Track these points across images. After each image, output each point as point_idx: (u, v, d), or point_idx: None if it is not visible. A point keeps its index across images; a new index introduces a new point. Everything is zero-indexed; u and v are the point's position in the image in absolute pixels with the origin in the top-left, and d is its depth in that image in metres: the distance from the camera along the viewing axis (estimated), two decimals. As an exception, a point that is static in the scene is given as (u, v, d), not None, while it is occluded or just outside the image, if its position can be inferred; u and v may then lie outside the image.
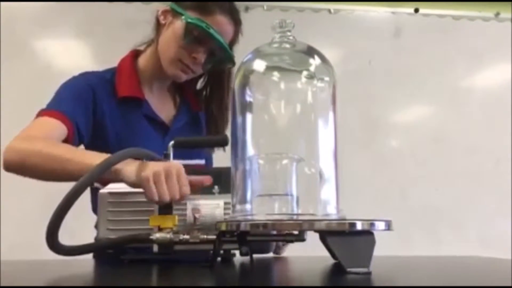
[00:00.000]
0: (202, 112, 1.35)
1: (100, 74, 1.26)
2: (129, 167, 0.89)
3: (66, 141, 1.10)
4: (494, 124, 2.50)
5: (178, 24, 1.19)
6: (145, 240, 0.87)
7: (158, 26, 1.25)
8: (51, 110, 1.13)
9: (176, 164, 0.89)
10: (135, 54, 1.30)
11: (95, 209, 0.98)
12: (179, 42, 1.19)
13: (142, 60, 1.29)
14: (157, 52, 1.24)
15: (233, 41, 1.24)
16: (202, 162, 1.29)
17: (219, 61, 1.23)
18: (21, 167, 1.03)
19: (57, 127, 1.09)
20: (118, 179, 0.90)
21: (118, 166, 0.88)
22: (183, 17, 1.18)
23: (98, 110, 1.20)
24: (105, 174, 0.85)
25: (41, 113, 1.13)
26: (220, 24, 1.18)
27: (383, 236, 0.69)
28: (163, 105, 1.30)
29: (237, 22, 1.23)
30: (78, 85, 1.21)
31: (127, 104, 1.23)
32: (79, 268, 0.92)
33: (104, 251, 0.96)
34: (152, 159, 0.94)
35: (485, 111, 2.52)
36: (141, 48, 1.31)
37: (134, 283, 0.69)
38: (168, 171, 0.87)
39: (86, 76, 1.24)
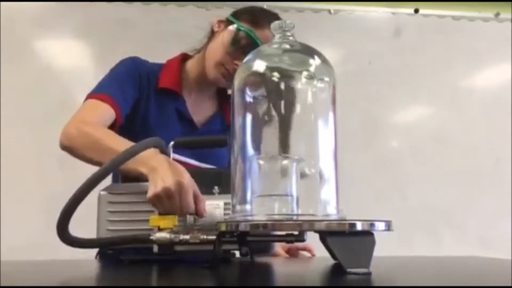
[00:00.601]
0: None
1: (149, 63, 1.32)
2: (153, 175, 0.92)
3: (114, 125, 1.16)
4: (494, 124, 2.50)
5: (228, 31, 1.26)
6: (145, 241, 0.87)
7: (211, 34, 1.32)
8: (101, 93, 1.17)
9: (184, 182, 0.90)
10: (184, 57, 1.36)
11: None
12: (226, 47, 1.25)
13: (189, 64, 1.35)
14: (204, 58, 1.30)
15: None
16: (213, 167, 1.30)
17: None
18: (71, 151, 1.08)
19: (107, 112, 1.15)
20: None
21: (148, 173, 0.92)
22: (234, 25, 1.25)
23: (138, 95, 1.25)
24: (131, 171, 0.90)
25: (92, 96, 1.17)
26: (268, 38, 1.22)
27: (383, 236, 0.69)
28: (198, 108, 1.33)
29: None
30: (127, 69, 1.27)
31: (164, 96, 1.28)
32: (79, 268, 0.92)
33: (104, 252, 0.96)
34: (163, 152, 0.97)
35: (485, 111, 2.52)
36: (191, 53, 1.37)
37: (134, 283, 0.69)
38: (169, 194, 0.89)
39: (134, 60, 1.30)
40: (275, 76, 0.84)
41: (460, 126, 2.50)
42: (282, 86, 0.83)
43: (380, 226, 0.69)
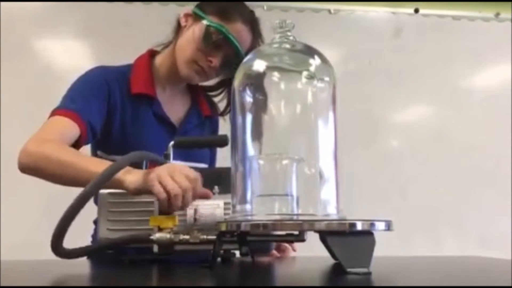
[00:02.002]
0: (211, 119, 1.37)
1: (117, 69, 1.27)
2: (130, 176, 0.91)
3: (79, 141, 1.11)
4: (494, 124, 2.50)
5: (198, 27, 1.21)
6: (145, 240, 0.87)
7: (178, 28, 1.27)
8: (65, 109, 1.12)
9: (178, 164, 0.91)
10: (152, 53, 1.32)
11: (96, 200, 0.99)
12: (197, 44, 1.20)
13: (158, 60, 1.30)
14: (174, 53, 1.25)
15: (250, 51, 1.25)
16: (204, 165, 1.29)
17: (234, 68, 1.24)
18: (34, 171, 1.05)
19: (71, 128, 1.10)
20: (121, 188, 0.92)
21: (120, 176, 0.89)
22: (204, 20, 1.20)
23: (111, 105, 1.20)
24: (109, 184, 0.86)
25: (56, 112, 1.12)
26: (239, 32, 1.20)
27: (383, 236, 0.69)
28: (173, 105, 1.30)
29: (256, 34, 1.24)
30: (93, 80, 1.21)
31: (139, 101, 1.24)
32: (80, 268, 0.92)
33: (103, 251, 0.96)
34: (155, 161, 0.95)
35: (485, 110, 2.52)
36: (158, 48, 1.33)
37: (134, 283, 0.69)
38: (171, 169, 0.89)
39: (102, 70, 1.24)
40: (275, 75, 0.84)
41: (460, 126, 2.49)
42: (282, 85, 0.83)
43: (380, 226, 0.69)
